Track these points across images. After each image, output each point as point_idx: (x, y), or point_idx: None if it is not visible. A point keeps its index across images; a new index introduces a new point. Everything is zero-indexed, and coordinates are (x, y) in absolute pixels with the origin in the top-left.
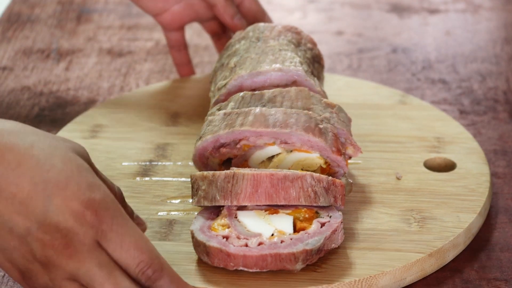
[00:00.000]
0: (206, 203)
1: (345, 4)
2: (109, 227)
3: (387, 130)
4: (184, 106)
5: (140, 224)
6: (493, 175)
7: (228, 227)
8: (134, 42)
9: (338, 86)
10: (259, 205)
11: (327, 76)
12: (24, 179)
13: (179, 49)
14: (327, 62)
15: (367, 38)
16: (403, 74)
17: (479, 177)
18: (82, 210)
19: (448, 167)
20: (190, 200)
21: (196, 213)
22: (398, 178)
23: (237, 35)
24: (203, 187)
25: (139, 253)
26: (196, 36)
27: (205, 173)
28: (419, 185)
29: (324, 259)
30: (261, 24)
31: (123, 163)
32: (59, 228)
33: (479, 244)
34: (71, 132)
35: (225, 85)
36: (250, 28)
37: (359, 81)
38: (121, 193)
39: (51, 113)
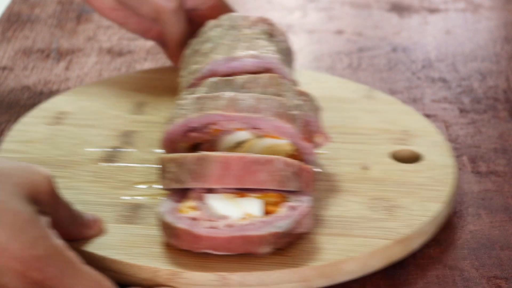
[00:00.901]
0: (175, 186)
1: (345, 3)
2: (58, 281)
3: (353, 122)
4: (150, 96)
5: (90, 227)
6: (493, 173)
7: (197, 210)
8: (134, 42)
9: (306, 81)
10: (229, 188)
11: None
12: None
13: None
14: (327, 61)
15: (367, 37)
16: (403, 73)
17: (445, 169)
18: (26, 271)
19: (414, 158)
20: (157, 186)
21: (162, 198)
22: (365, 168)
23: (210, 23)
24: (172, 170)
25: None
26: None
27: (175, 155)
28: (385, 175)
29: (292, 243)
30: (235, 14)
31: (87, 149)
32: None
33: (479, 242)
34: (36, 118)
35: (198, 69)
36: (224, 17)
37: (327, 76)
38: (72, 212)
39: None
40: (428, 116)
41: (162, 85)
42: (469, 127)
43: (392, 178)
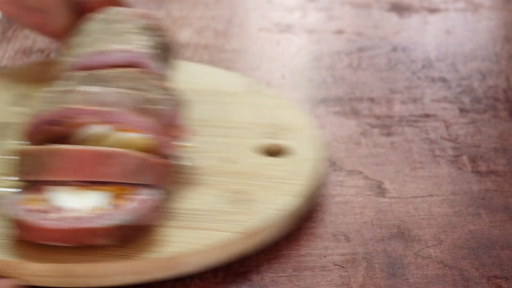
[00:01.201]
0: (27, 178)
1: (345, 3)
2: None
3: (229, 116)
4: (34, 88)
5: None
6: (493, 173)
7: (44, 202)
8: None
9: (192, 73)
10: (77, 181)
11: (183, 63)
12: None
13: None
14: (327, 61)
15: (367, 37)
16: (403, 73)
17: (311, 163)
18: None
19: (283, 152)
20: (12, 178)
21: (13, 189)
22: (229, 162)
23: (94, 16)
24: (25, 163)
25: None
26: (196, 35)
27: (28, 148)
28: (249, 169)
29: (138, 236)
30: (118, 8)
31: None
32: None
33: (479, 242)
34: None
35: (67, 62)
36: (108, 10)
37: (215, 69)
38: None
39: None
40: (428, 115)
41: (48, 77)
42: (469, 126)
43: (255, 172)
